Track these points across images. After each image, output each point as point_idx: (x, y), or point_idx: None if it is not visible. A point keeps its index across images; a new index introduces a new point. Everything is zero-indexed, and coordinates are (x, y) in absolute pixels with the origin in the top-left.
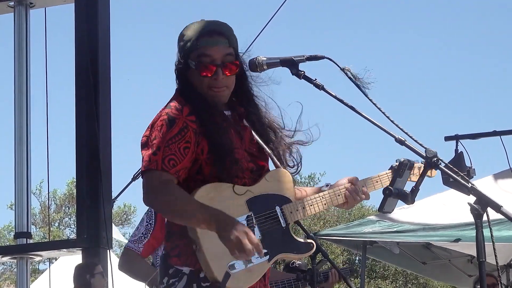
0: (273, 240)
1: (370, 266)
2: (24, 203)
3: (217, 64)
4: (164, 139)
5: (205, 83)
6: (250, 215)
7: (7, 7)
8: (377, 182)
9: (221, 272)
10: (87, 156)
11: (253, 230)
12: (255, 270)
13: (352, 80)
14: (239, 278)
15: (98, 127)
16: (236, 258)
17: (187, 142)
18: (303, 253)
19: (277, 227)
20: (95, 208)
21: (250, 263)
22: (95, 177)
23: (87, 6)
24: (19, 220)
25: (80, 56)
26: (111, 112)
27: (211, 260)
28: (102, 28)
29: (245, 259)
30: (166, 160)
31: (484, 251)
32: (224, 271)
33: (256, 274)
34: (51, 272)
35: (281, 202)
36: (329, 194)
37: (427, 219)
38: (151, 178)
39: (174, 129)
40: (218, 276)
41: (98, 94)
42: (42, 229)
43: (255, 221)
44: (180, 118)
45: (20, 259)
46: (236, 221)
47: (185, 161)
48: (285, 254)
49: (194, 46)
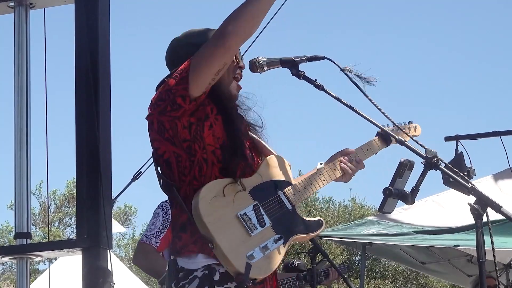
0: (284, 224)
1: (370, 266)
2: (24, 203)
3: (241, 56)
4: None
5: (233, 70)
6: (256, 204)
7: (7, 7)
8: (368, 150)
9: (241, 263)
10: (87, 156)
11: (263, 218)
12: (273, 256)
13: (352, 80)
14: (260, 266)
15: (98, 127)
16: None
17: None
18: (315, 231)
19: (284, 211)
20: (95, 208)
21: (268, 250)
22: (95, 177)
23: (87, 6)
24: (19, 220)
25: (80, 56)
26: (111, 112)
27: (229, 254)
28: (102, 29)
29: None
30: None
31: (484, 251)
32: (245, 262)
33: (275, 260)
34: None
35: (282, 186)
36: (326, 170)
37: (427, 220)
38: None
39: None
40: (240, 268)
41: (98, 94)
42: (42, 229)
43: (262, 209)
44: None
45: (20, 259)
46: None
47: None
48: (299, 235)
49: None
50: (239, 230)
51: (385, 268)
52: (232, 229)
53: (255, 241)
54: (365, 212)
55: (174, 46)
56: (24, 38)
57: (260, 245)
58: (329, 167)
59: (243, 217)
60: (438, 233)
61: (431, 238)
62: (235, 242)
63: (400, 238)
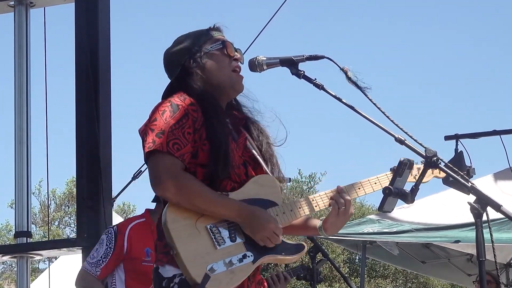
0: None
1: (370, 265)
2: (24, 202)
3: (235, 48)
4: (168, 124)
5: (228, 64)
6: None
7: (7, 6)
8: (376, 183)
9: (200, 274)
10: (87, 155)
11: (235, 233)
12: (238, 272)
13: (351, 81)
14: (220, 280)
15: (98, 127)
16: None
17: (189, 127)
18: (292, 255)
19: None
20: (95, 207)
21: (232, 265)
22: (95, 177)
23: (87, 6)
24: (19, 219)
25: (80, 55)
26: (111, 111)
27: (188, 263)
28: (102, 28)
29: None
30: (171, 144)
31: (484, 250)
32: (203, 272)
33: (240, 276)
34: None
35: (266, 206)
36: (320, 196)
37: (427, 219)
38: (161, 161)
39: (177, 115)
40: (197, 278)
41: (98, 93)
42: (42, 228)
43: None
44: (183, 106)
45: (20, 258)
46: (266, 217)
47: (188, 146)
48: (272, 256)
49: (209, 36)
50: (205, 241)
51: (385, 267)
52: (198, 239)
53: (220, 254)
54: (365, 211)
55: (167, 56)
56: (24, 37)
57: (225, 259)
58: (325, 193)
59: (212, 230)
60: (439, 230)
61: (431, 235)
62: (197, 252)
63: (401, 235)
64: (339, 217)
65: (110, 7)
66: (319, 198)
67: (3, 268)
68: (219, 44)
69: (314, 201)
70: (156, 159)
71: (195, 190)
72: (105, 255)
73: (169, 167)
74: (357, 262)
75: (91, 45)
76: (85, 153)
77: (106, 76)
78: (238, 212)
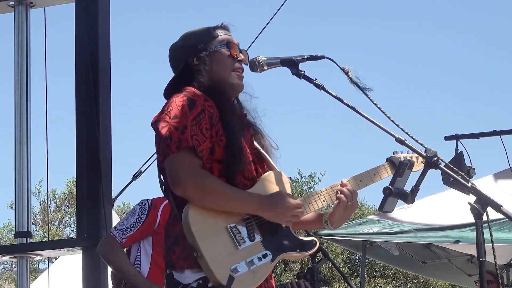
0: (275, 240)
1: (370, 265)
2: (24, 202)
3: (240, 49)
4: (187, 119)
5: (231, 65)
6: (249, 218)
7: (7, 6)
8: (375, 175)
9: (224, 276)
10: (87, 156)
11: (253, 232)
12: (259, 271)
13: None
14: (243, 280)
15: (98, 127)
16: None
17: (206, 123)
18: (306, 251)
19: (277, 227)
20: (95, 207)
21: (253, 265)
22: (95, 177)
23: (87, 6)
24: (19, 220)
25: (80, 55)
26: (111, 111)
27: (213, 265)
28: (102, 28)
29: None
30: (194, 138)
31: (484, 250)
32: (228, 274)
33: (261, 275)
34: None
35: None
36: (327, 191)
37: (427, 219)
38: (181, 160)
39: (194, 111)
40: (222, 280)
41: (98, 93)
42: (42, 228)
43: (255, 224)
44: (199, 101)
45: (20, 259)
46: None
47: (207, 142)
48: (288, 253)
49: (215, 35)
50: (227, 242)
51: (385, 267)
52: (220, 240)
53: (241, 254)
54: (365, 211)
55: (172, 51)
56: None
57: (246, 260)
58: (331, 187)
59: (233, 230)
60: (439, 230)
61: (431, 235)
62: (220, 254)
63: (401, 236)
64: (347, 210)
65: (110, 7)
66: (326, 192)
67: (3, 268)
68: (224, 44)
69: (322, 196)
70: (175, 158)
71: (216, 188)
72: (134, 225)
73: (188, 167)
74: (357, 262)
75: (91, 45)
76: (85, 153)
77: (106, 76)
78: (260, 205)
